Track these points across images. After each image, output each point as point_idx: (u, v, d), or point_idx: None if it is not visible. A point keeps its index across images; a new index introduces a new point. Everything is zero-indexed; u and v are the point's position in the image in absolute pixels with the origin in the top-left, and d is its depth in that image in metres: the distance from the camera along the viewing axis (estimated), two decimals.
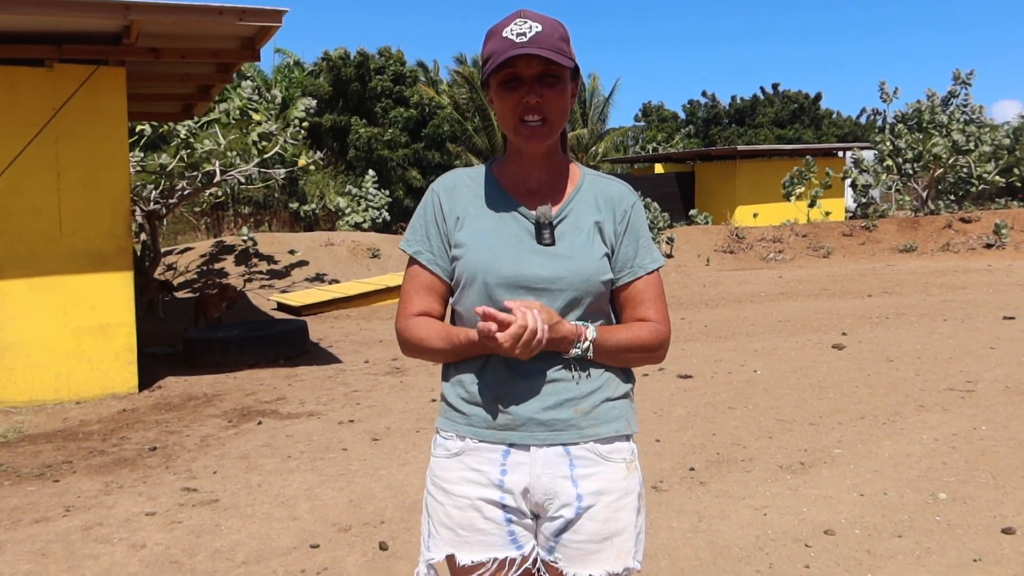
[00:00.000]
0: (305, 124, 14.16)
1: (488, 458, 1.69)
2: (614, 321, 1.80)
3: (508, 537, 1.70)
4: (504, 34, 1.62)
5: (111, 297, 6.84)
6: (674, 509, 4.06)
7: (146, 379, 7.35)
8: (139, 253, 12.86)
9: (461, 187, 1.76)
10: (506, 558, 1.70)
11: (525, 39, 1.60)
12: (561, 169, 1.77)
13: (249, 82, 13.53)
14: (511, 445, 1.68)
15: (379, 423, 5.80)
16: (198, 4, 5.98)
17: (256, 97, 13.12)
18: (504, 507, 1.69)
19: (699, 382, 6.74)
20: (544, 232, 1.69)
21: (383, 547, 3.70)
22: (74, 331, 6.75)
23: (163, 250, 15.65)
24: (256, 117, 12.70)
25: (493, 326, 1.53)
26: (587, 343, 1.65)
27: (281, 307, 12.77)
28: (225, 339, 8.25)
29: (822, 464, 4.66)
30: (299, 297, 12.81)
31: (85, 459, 5.23)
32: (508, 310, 1.56)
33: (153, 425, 6.02)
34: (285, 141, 13.14)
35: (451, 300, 1.77)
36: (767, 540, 3.67)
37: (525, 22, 1.62)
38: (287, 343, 8.44)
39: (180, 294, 13.76)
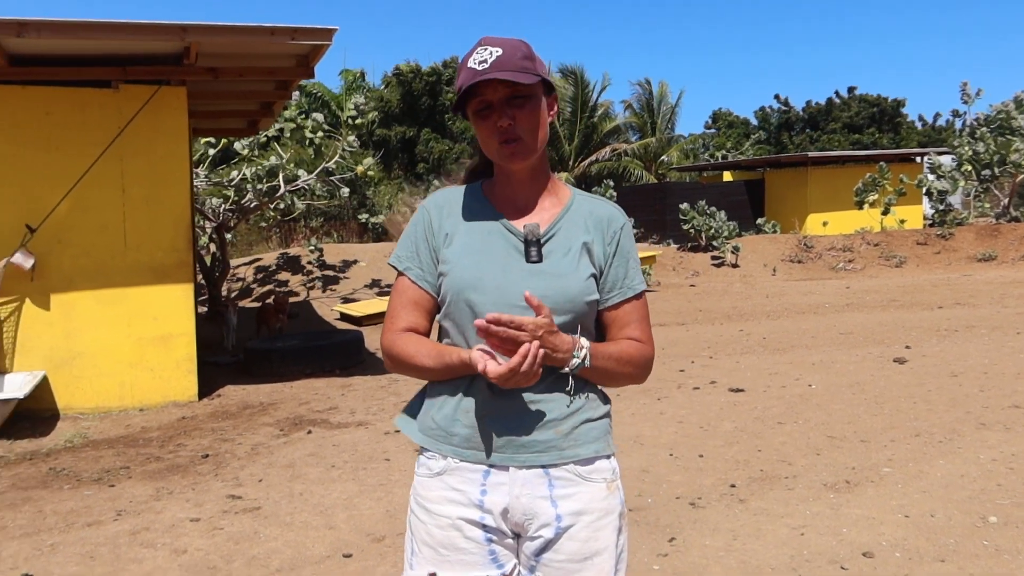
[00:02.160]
0: (359, 121, 14.30)
1: (468, 478, 1.70)
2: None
3: (488, 556, 1.70)
4: (469, 64, 1.65)
5: (172, 309, 7.10)
6: (709, 527, 4.00)
7: (206, 387, 7.59)
8: (209, 265, 13.26)
9: (452, 204, 1.78)
10: None
11: (487, 65, 1.62)
12: (549, 188, 1.78)
13: (296, 93, 13.83)
14: (491, 466, 1.69)
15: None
16: (251, 25, 6.19)
17: (304, 104, 13.42)
18: (484, 527, 1.70)
19: (751, 396, 6.61)
20: (531, 250, 1.70)
21: None
22: (137, 341, 7.02)
23: (233, 262, 16.13)
24: (307, 124, 12.99)
25: (480, 364, 1.54)
26: (584, 351, 1.64)
27: (344, 317, 13.02)
28: (283, 349, 8.46)
29: (868, 483, 4.52)
30: (361, 307, 13.04)
31: (142, 465, 5.43)
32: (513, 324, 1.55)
33: (209, 433, 6.21)
34: (343, 149, 13.38)
35: (438, 316, 1.79)
36: (802, 561, 3.58)
37: (486, 49, 1.64)
38: (343, 353, 8.61)
39: (244, 303, 14.15)
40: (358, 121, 13.53)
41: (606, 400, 1.77)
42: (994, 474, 4.56)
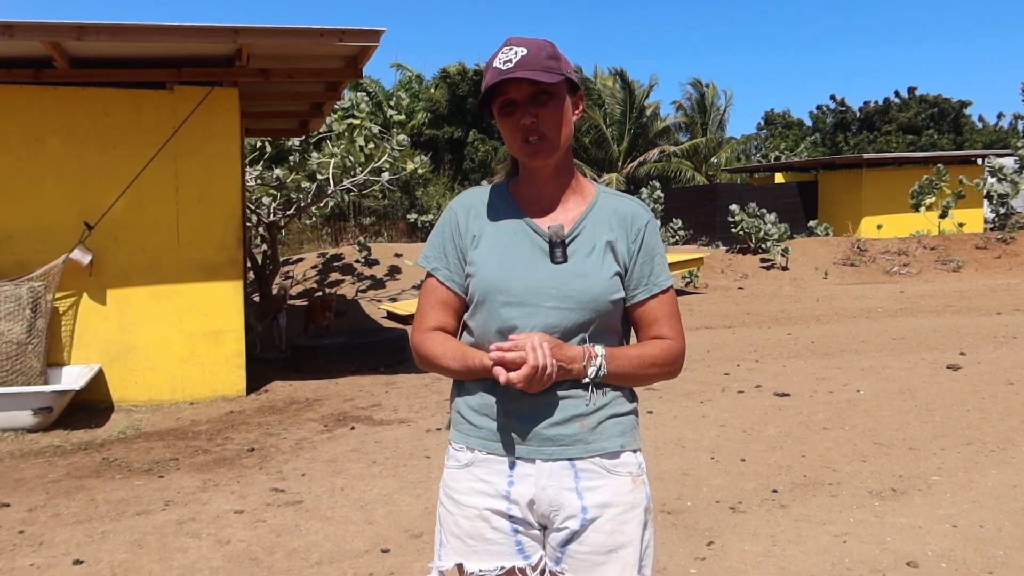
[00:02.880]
0: (401, 118, 14.41)
1: (496, 469, 1.73)
2: (624, 339, 1.80)
3: (515, 547, 1.72)
4: (494, 64, 1.68)
5: (222, 305, 7.25)
6: (748, 532, 3.95)
7: (255, 383, 7.73)
8: (260, 263, 13.50)
9: (478, 205, 1.81)
10: (513, 567, 1.72)
11: (511, 64, 1.65)
12: (574, 187, 1.79)
13: (347, 92, 14.00)
14: (518, 457, 1.71)
15: None
16: (301, 27, 6.29)
17: (358, 104, 13.58)
18: (511, 517, 1.72)
19: (796, 401, 6.51)
20: (556, 251, 1.72)
21: None
22: (189, 336, 7.19)
23: (283, 260, 16.39)
24: (356, 121, 13.15)
25: (503, 376, 1.57)
26: (599, 359, 1.67)
27: (390, 315, 13.15)
28: (329, 346, 8.58)
29: (916, 491, 4.42)
30: (407, 306, 13.16)
31: (190, 457, 5.56)
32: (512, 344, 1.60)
33: (255, 427, 6.33)
34: (392, 149, 13.53)
35: (465, 315, 1.81)
36: (843, 569, 3.52)
37: (511, 48, 1.67)
38: (388, 351, 8.70)
39: (293, 302, 14.39)
40: (399, 117, 13.64)
41: (633, 397, 1.78)
42: None
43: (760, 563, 3.60)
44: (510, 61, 1.65)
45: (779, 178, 29.16)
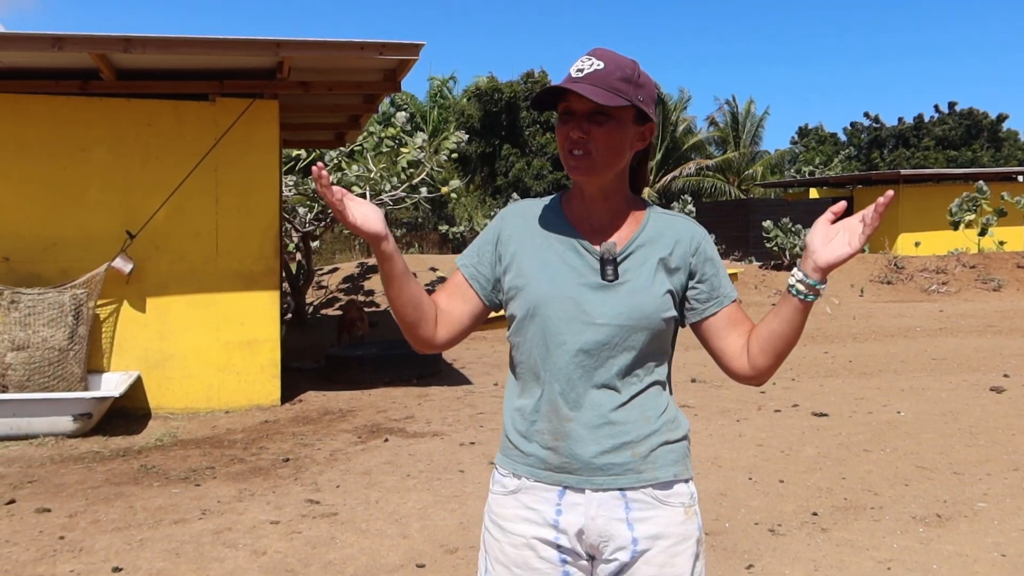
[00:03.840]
0: (455, 155, 14.60)
1: (544, 497, 1.69)
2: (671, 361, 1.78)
3: None
4: (570, 69, 1.65)
5: (259, 315, 7.31)
6: (789, 555, 3.88)
7: (289, 392, 7.77)
8: (294, 273, 13.60)
9: (529, 217, 1.79)
10: None
11: (581, 75, 1.61)
12: (626, 207, 1.76)
13: (403, 113, 14.15)
14: (567, 486, 1.68)
15: (498, 447, 5.86)
16: (342, 40, 6.35)
17: (409, 127, 13.70)
18: (559, 547, 1.69)
19: (835, 421, 6.41)
20: (608, 268, 1.68)
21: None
22: (225, 345, 7.25)
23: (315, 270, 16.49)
24: (405, 152, 13.23)
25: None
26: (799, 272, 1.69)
27: None
28: (362, 357, 8.61)
29: (962, 518, 4.31)
30: None
31: (226, 466, 5.60)
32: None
33: (290, 437, 6.36)
34: (432, 168, 13.60)
35: (507, 333, 1.78)
36: None
37: (590, 59, 1.64)
38: (421, 363, 8.70)
39: (326, 311, 14.48)
40: (454, 155, 13.73)
41: (684, 422, 1.75)
42: None
43: None
44: (582, 71, 1.62)
45: (813, 193, 28.90)
